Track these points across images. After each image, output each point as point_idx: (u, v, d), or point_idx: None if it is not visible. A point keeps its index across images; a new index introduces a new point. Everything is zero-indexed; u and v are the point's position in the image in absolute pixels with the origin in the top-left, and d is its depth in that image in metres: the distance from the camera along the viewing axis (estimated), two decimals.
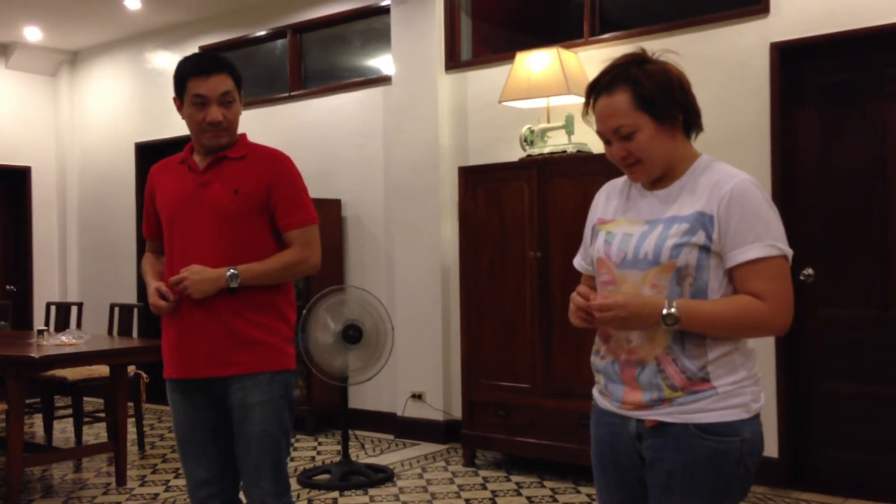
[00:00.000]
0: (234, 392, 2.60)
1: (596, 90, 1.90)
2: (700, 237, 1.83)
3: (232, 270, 2.54)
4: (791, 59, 4.55)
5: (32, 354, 4.36)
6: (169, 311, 2.59)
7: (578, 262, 2.15)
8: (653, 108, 1.85)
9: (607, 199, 2.06)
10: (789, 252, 1.85)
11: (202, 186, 2.64)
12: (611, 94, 1.87)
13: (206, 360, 2.58)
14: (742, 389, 1.86)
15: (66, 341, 4.79)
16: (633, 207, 1.97)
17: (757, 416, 1.90)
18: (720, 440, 1.84)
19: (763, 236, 1.81)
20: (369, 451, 5.60)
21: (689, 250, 1.83)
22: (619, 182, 2.07)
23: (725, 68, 4.69)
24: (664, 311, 1.79)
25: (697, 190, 1.89)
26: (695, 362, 1.85)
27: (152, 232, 2.81)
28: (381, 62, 6.41)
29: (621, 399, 1.94)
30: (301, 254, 2.66)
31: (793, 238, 4.37)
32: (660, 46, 1.99)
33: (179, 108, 2.67)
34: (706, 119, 5.08)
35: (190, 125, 2.65)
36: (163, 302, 2.57)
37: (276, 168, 2.68)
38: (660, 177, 1.94)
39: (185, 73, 2.63)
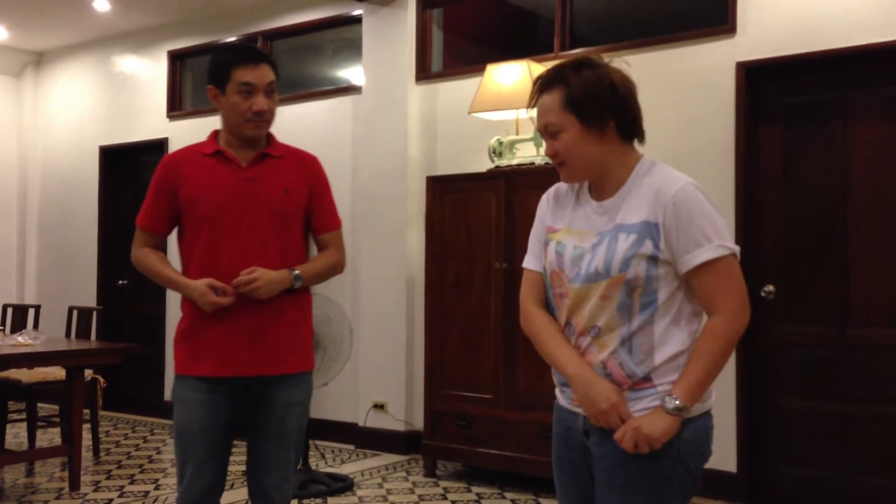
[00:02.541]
0: (281, 390, 2.60)
1: (538, 87, 1.95)
2: (647, 247, 1.84)
3: (296, 272, 2.58)
4: (756, 79, 4.62)
5: None
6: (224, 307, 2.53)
7: (535, 263, 2.08)
8: (579, 110, 1.87)
9: (555, 206, 2.05)
10: (737, 249, 1.88)
11: (248, 182, 2.59)
12: (548, 91, 1.91)
13: (262, 358, 2.57)
14: None
15: (23, 342, 4.70)
16: (582, 218, 1.97)
17: (702, 417, 1.91)
18: None
19: (712, 238, 1.84)
20: (329, 460, 5.55)
21: (638, 262, 1.84)
22: (565, 187, 2.06)
23: (692, 86, 4.76)
24: (676, 405, 1.81)
25: (640, 196, 1.89)
26: (641, 367, 1.88)
27: (160, 226, 2.68)
28: (352, 72, 6.41)
29: (571, 396, 1.98)
30: (338, 256, 2.76)
31: (754, 255, 4.43)
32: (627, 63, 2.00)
33: (215, 96, 2.60)
34: (672, 135, 5.16)
35: (230, 114, 2.59)
36: (223, 298, 2.50)
37: (315, 170, 2.74)
38: (593, 181, 1.97)
39: (231, 61, 2.56)
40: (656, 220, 1.85)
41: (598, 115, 1.88)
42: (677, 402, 1.82)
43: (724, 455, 4.56)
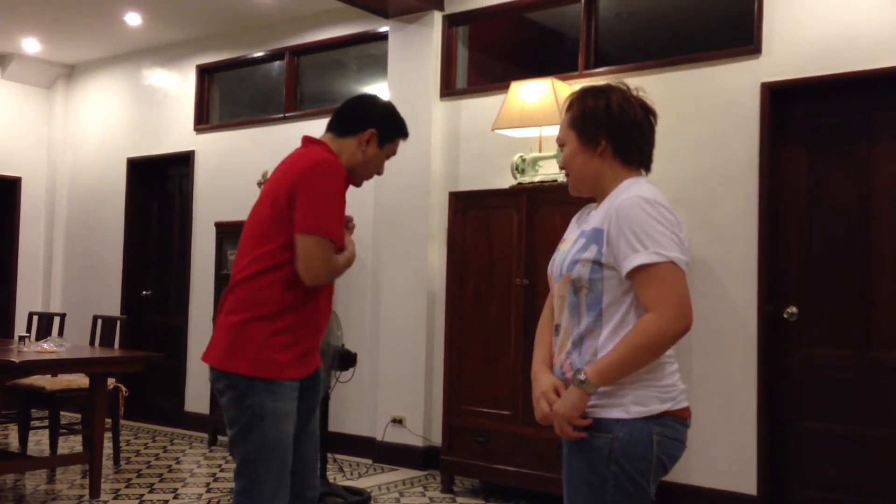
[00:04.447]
0: (319, 387, 2.70)
1: (563, 110, 2.23)
2: (592, 251, 2.02)
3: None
4: (781, 99, 4.62)
5: (13, 359, 4.33)
6: None
7: None
8: (577, 128, 2.12)
9: (574, 221, 2.25)
10: (677, 257, 1.97)
11: None
12: (564, 113, 2.18)
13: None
14: (621, 391, 1.98)
15: (48, 348, 4.75)
16: (576, 227, 2.16)
17: (644, 421, 1.97)
18: (592, 435, 1.98)
19: (647, 245, 1.95)
20: (347, 474, 5.55)
21: (583, 264, 2.02)
22: (592, 206, 2.24)
23: (716, 106, 4.76)
24: (580, 378, 1.97)
25: (603, 207, 2.08)
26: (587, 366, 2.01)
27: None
28: (377, 88, 6.46)
29: None
30: None
31: (777, 276, 4.40)
32: (652, 82, 2.14)
33: (368, 140, 2.69)
34: (696, 154, 5.15)
35: (367, 164, 2.72)
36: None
37: None
38: (591, 195, 2.17)
39: (400, 131, 2.78)
40: (603, 226, 2.02)
41: (592, 133, 2.10)
42: (581, 376, 1.97)
43: (744, 477, 4.52)
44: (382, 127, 2.69)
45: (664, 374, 2.00)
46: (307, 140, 2.71)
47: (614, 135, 2.08)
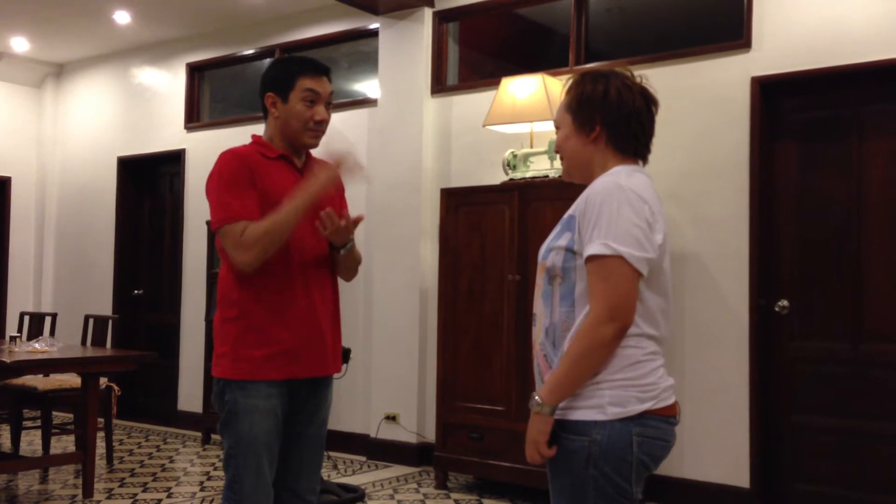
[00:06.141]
0: (326, 394, 2.67)
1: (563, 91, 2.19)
2: (565, 238, 1.97)
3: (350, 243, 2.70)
4: (771, 94, 4.63)
5: (4, 359, 4.31)
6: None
7: None
8: (572, 111, 2.08)
9: None
10: (630, 252, 1.86)
11: None
12: (563, 95, 2.14)
13: (332, 357, 2.62)
14: (598, 391, 1.91)
15: (39, 348, 4.74)
16: None
17: (622, 422, 1.90)
18: (570, 438, 1.92)
19: (603, 235, 1.87)
20: (341, 470, 5.55)
21: (557, 252, 1.98)
22: None
23: (707, 101, 4.77)
24: (536, 402, 1.91)
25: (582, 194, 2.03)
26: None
27: (257, 215, 2.48)
28: (367, 85, 6.46)
29: None
30: None
31: (768, 270, 4.41)
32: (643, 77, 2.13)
33: (273, 104, 2.58)
34: (687, 149, 5.15)
35: (291, 122, 2.57)
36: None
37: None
38: (582, 182, 2.09)
39: (296, 70, 2.58)
40: (575, 213, 1.98)
41: (587, 118, 2.05)
42: (536, 398, 1.92)
43: (737, 470, 4.54)
44: (272, 84, 2.58)
45: (644, 373, 1.93)
46: None
47: (609, 122, 2.02)
